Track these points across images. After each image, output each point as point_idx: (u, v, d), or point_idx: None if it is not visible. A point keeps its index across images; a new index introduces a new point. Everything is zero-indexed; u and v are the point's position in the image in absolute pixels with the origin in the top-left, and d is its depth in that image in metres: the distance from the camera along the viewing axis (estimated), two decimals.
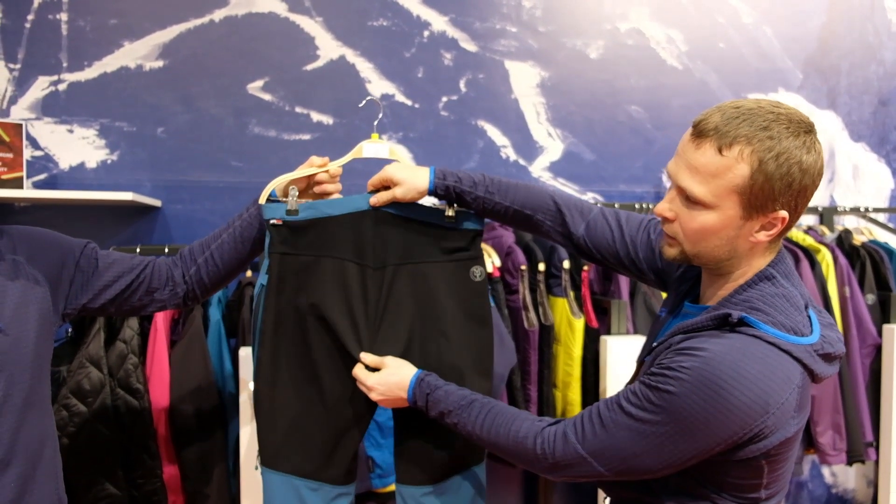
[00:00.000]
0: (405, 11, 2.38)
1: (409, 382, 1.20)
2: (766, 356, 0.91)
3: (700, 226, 0.97)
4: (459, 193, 1.27)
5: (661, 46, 2.62)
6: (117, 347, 1.82)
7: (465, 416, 1.11)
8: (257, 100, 2.28)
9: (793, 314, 0.96)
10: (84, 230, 2.14)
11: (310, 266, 1.27)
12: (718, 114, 0.94)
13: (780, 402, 0.91)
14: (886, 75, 2.86)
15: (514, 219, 1.30)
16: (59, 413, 1.73)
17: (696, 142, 0.95)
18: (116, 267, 1.25)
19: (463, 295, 1.31)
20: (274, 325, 1.28)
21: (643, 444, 0.94)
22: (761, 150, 0.91)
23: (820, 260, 2.38)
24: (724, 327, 0.95)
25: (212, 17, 2.24)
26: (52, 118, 2.15)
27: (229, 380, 1.94)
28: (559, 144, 2.54)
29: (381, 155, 1.37)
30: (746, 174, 0.92)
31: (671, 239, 1.03)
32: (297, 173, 1.31)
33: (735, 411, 0.89)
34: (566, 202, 1.29)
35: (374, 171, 1.32)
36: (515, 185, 1.29)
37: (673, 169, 0.99)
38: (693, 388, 0.90)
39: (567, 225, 1.28)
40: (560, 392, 2.20)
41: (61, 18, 2.14)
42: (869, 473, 2.84)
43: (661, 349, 1.01)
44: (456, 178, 1.27)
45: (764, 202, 0.94)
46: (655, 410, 0.93)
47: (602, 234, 1.25)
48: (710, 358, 0.90)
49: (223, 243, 1.32)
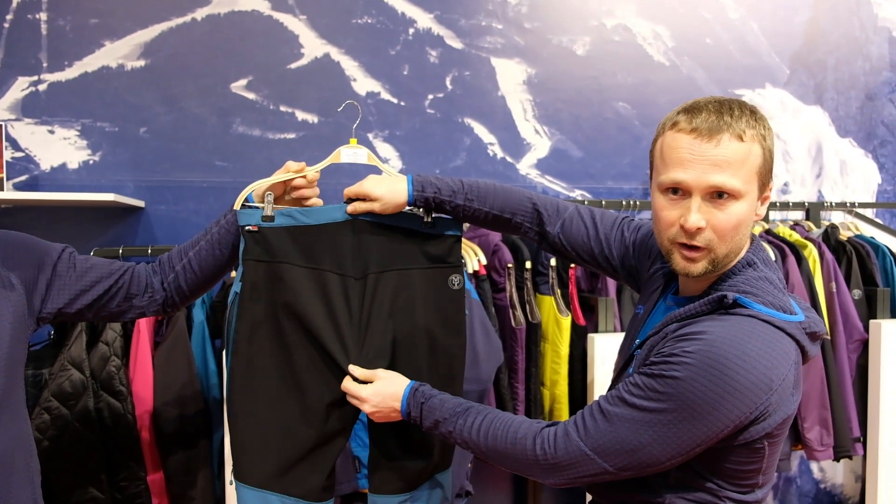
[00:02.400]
0: (390, 9, 2.37)
1: (403, 393, 1.18)
2: (764, 334, 0.93)
3: (737, 219, 0.98)
4: (439, 204, 1.27)
5: (647, 43, 2.61)
6: (99, 349, 1.81)
7: (462, 424, 1.09)
8: (241, 99, 2.26)
9: (779, 295, 0.99)
10: (66, 232, 2.12)
11: (286, 274, 1.25)
12: (705, 112, 0.97)
13: (781, 378, 0.92)
14: (873, 70, 2.86)
15: (494, 223, 1.30)
16: (41, 416, 1.72)
17: (712, 141, 0.96)
18: (94, 272, 1.23)
19: (441, 303, 1.31)
20: (248, 334, 1.25)
21: (650, 434, 0.93)
22: (761, 129, 0.98)
23: (806, 255, 2.38)
24: (719, 310, 0.97)
25: (194, 15, 2.22)
26: (33, 119, 2.13)
27: (214, 381, 1.92)
28: (546, 142, 2.53)
29: (360, 160, 1.36)
30: (759, 153, 0.98)
31: (697, 252, 0.99)
32: (273, 179, 1.29)
33: (742, 390, 0.90)
34: (543, 202, 1.30)
35: (356, 168, 1.31)
36: (494, 190, 1.29)
37: (693, 177, 0.97)
38: (699, 371, 0.90)
39: (544, 224, 1.28)
40: (548, 390, 2.19)
41: (41, 18, 2.12)
42: (857, 469, 2.85)
43: (656, 339, 1.01)
44: (435, 189, 1.26)
45: (767, 176, 1.00)
46: (661, 398, 0.93)
47: (577, 232, 1.27)
48: (713, 340, 0.91)
49: (201, 250, 1.30)
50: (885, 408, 2.37)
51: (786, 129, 2.76)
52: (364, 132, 2.35)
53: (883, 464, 2.39)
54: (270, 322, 1.26)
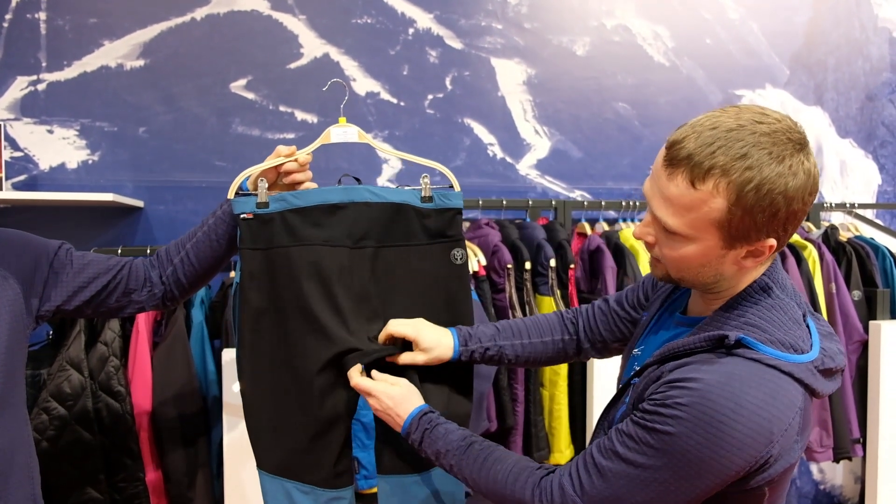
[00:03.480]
0: (389, 9, 2.37)
1: (411, 412, 1.15)
2: (766, 381, 0.84)
3: (680, 255, 0.91)
4: (483, 353, 1.24)
5: (647, 43, 2.61)
6: (98, 350, 1.80)
7: (463, 460, 1.07)
8: (240, 99, 2.26)
9: (791, 329, 0.90)
10: (65, 232, 2.12)
11: (283, 258, 1.24)
12: (693, 137, 0.85)
13: (783, 428, 0.85)
14: (873, 70, 2.86)
15: (535, 352, 1.29)
16: (40, 416, 1.71)
17: (668, 170, 0.87)
18: (92, 268, 1.23)
19: (443, 280, 1.29)
20: (252, 322, 1.25)
21: (646, 493, 0.88)
22: (739, 182, 0.82)
23: (806, 256, 2.38)
24: (718, 349, 0.89)
25: (193, 15, 2.22)
26: (32, 118, 2.13)
27: (213, 381, 1.92)
28: (546, 142, 2.53)
29: (350, 139, 1.34)
30: (723, 208, 0.84)
31: (657, 260, 0.98)
32: (264, 165, 1.28)
33: (739, 445, 0.83)
34: (565, 314, 1.31)
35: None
36: (521, 321, 1.29)
37: (648, 193, 0.92)
38: (692, 427, 0.83)
39: (573, 331, 1.29)
40: (547, 391, 2.19)
41: (40, 18, 2.12)
42: (857, 470, 2.85)
43: (652, 377, 0.94)
44: (476, 340, 1.25)
45: (746, 233, 0.86)
46: (654, 455, 0.86)
47: (595, 318, 1.27)
48: (706, 391, 0.83)
49: (198, 242, 1.29)
50: (884, 409, 2.37)
51: None
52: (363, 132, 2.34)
53: (882, 465, 2.39)
54: (272, 308, 1.25)
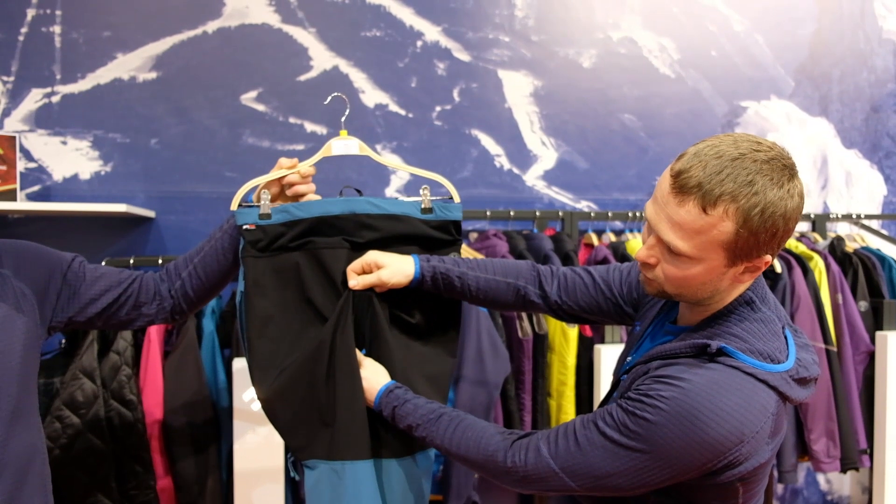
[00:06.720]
0: (398, 22, 2.40)
1: (378, 391, 1.21)
2: (742, 387, 0.92)
3: (684, 275, 0.97)
4: (445, 273, 1.28)
5: (653, 55, 2.63)
6: (111, 359, 1.82)
7: (434, 431, 1.13)
8: (251, 110, 2.29)
9: (770, 340, 0.98)
10: (78, 242, 2.14)
11: (284, 263, 1.28)
12: (700, 166, 0.91)
13: (754, 431, 0.93)
14: (878, 82, 2.87)
15: (496, 290, 1.31)
16: (52, 425, 1.73)
17: (678, 197, 0.92)
18: (104, 281, 1.25)
19: None
20: (259, 329, 1.27)
21: (616, 466, 0.96)
22: (746, 206, 0.90)
23: (812, 267, 2.39)
24: (702, 356, 0.96)
25: (205, 28, 2.25)
26: (46, 130, 2.16)
27: (223, 390, 1.94)
28: (553, 153, 2.55)
29: (352, 151, 1.37)
30: (731, 230, 0.91)
31: (650, 279, 1.03)
32: (267, 177, 1.31)
33: (711, 442, 0.91)
34: (539, 266, 1.34)
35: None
36: (492, 261, 1.33)
37: (653, 218, 0.97)
38: (670, 419, 0.91)
39: (543, 286, 1.31)
40: (554, 401, 2.20)
41: (54, 31, 2.15)
42: (864, 480, 2.84)
43: (639, 372, 1.02)
44: (438, 259, 1.29)
45: (749, 252, 0.94)
46: (631, 436, 0.94)
47: (575, 285, 1.29)
48: (688, 390, 0.92)
49: (205, 256, 1.32)
50: (891, 419, 2.37)
51: (791, 141, 2.77)
52: (372, 143, 2.37)
53: (890, 475, 2.39)
54: (278, 313, 1.28)
